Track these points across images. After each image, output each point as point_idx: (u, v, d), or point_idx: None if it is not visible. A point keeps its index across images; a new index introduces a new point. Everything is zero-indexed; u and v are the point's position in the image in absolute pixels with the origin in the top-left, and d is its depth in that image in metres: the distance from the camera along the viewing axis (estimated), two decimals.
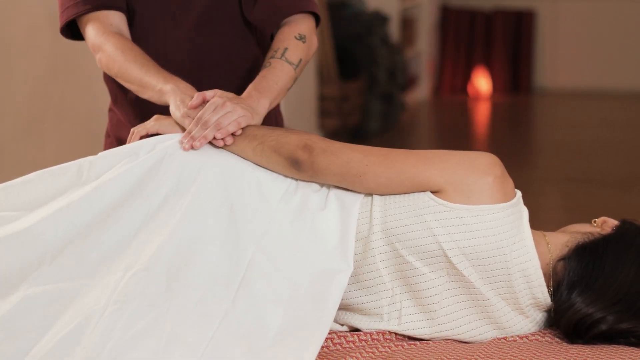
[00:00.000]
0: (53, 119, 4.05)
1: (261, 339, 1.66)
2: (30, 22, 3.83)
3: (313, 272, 1.74)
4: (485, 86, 8.60)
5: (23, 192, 1.85)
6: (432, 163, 1.76)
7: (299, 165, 1.81)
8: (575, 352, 1.69)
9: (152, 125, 1.95)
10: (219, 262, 1.73)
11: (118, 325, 1.65)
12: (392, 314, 1.79)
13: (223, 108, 1.86)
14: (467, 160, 1.76)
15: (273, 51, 2.07)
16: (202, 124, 1.85)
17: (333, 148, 1.81)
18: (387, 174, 1.77)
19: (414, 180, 1.76)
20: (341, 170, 1.79)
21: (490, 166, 1.75)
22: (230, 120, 1.85)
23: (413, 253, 1.75)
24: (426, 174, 1.75)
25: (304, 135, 1.84)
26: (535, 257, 1.74)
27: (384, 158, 1.78)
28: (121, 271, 1.72)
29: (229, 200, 1.79)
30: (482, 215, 1.72)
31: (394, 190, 1.77)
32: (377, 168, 1.77)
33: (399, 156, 1.79)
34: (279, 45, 2.08)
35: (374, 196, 1.79)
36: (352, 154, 1.80)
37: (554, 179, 5.71)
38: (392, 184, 1.77)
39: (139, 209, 1.79)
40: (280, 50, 2.06)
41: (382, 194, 1.79)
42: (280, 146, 1.83)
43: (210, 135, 1.85)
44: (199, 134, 1.85)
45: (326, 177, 1.81)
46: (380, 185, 1.78)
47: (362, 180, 1.78)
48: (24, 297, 1.71)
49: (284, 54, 2.05)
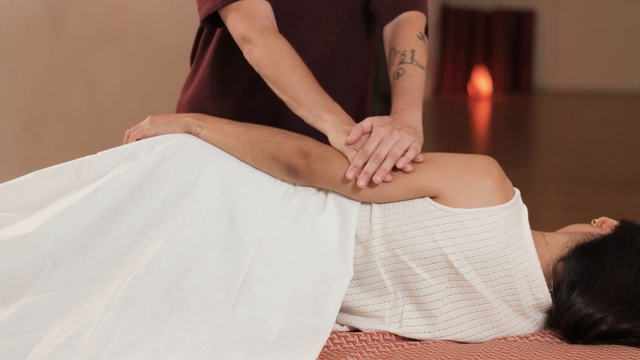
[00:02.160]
0: (53, 119, 4.05)
1: (261, 344, 1.66)
2: (30, 22, 3.83)
3: (313, 277, 1.74)
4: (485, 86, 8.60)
5: (22, 192, 1.85)
6: (426, 168, 1.76)
7: (296, 172, 1.80)
8: (575, 352, 1.69)
9: (149, 129, 1.94)
10: (219, 267, 1.73)
11: (118, 329, 1.65)
12: (394, 317, 1.78)
13: (391, 138, 1.78)
14: (463, 163, 1.75)
15: (400, 54, 2.02)
16: (374, 157, 1.76)
17: (328, 154, 1.81)
18: (382, 184, 1.76)
19: (409, 187, 1.75)
20: (335, 179, 1.79)
21: (487, 168, 1.74)
22: (403, 148, 1.77)
23: (414, 259, 1.74)
24: (422, 179, 1.75)
25: (302, 141, 1.84)
26: (535, 256, 1.74)
27: None
28: (122, 276, 1.71)
29: (229, 203, 1.79)
30: (483, 218, 1.72)
31: (390, 197, 1.77)
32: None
33: None
34: (404, 46, 2.03)
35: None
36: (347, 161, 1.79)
37: (554, 178, 5.71)
38: (388, 190, 1.76)
39: (139, 212, 1.79)
40: (409, 53, 2.01)
41: (378, 201, 1.78)
42: (279, 153, 1.82)
43: (389, 166, 1.75)
44: (373, 168, 1.75)
45: (322, 184, 1.81)
46: (375, 193, 1.77)
47: (354, 190, 1.78)
48: (26, 303, 1.71)
49: (413, 58, 2.00)
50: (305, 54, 2.01)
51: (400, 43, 2.03)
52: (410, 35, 2.04)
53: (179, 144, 1.87)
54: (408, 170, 1.75)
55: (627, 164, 6.04)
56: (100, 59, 4.38)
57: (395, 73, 2.00)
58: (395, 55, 2.03)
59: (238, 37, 1.98)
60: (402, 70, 1.99)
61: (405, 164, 1.75)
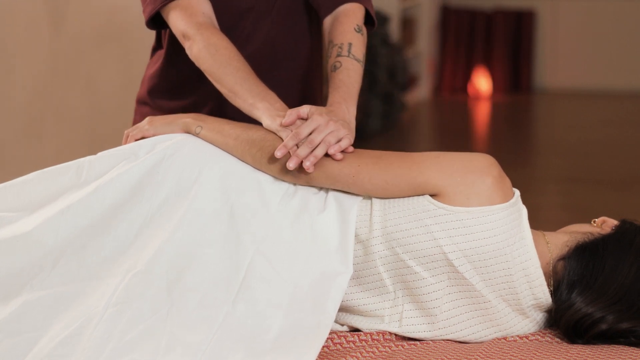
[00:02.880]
0: (53, 119, 4.05)
1: (261, 342, 1.66)
2: (30, 22, 3.83)
3: (313, 274, 1.74)
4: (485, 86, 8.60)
5: (22, 192, 1.85)
6: (427, 166, 1.76)
7: (294, 171, 1.80)
8: (575, 352, 1.69)
9: (148, 129, 1.94)
10: (219, 265, 1.73)
11: (118, 327, 1.65)
12: (393, 316, 1.78)
13: (327, 126, 1.81)
14: (464, 162, 1.76)
15: (337, 47, 2.03)
16: (308, 143, 1.79)
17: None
18: (383, 176, 1.76)
19: (411, 183, 1.75)
20: (333, 172, 1.79)
21: (487, 167, 1.75)
22: (337, 138, 1.80)
23: (414, 257, 1.74)
24: (424, 177, 1.75)
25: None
26: (535, 255, 1.74)
27: (377, 160, 1.78)
28: (122, 273, 1.72)
29: (229, 202, 1.79)
30: (482, 217, 1.72)
31: (392, 193, 1.77)
32: (371, 168, 1.77)
33: (392, 158, 1.78)
34: (341, 39, 2.04)
35: (373, 200, 1.79)
36: (344, 155, 1.80)
37: (554, 178, 5.71)
38: (389, 186, 1.76)
39: (139, 211, 1.79)
40: (346, 47, 2.02)
41: (379, 196, 1.78)
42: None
43: (320, 153, 1.78)
44: (305, 153, 1.78)
45: (320, 180, 1.81)
46: (377, 187, 1.77)
47: (355, 181, 1.78)
48: (25, 301, 1.71)
49: (350, 51, 2.02)
50: (249, 45, 2.08)
51: (337, 36, 2.05)
52: (348, 28, 2.06)
53: (179, 143, 1.87)
54: (338, 159, 1.79)
55: (627, 164, 6.04)
56: (100, 59, 4.38)
57: (332, 66, 2.02)
58: (333, 48, 2.05)
59: (179, 34, 2.04)
60: (338, 63, 2.01)
61: (336, 151, 1.79)
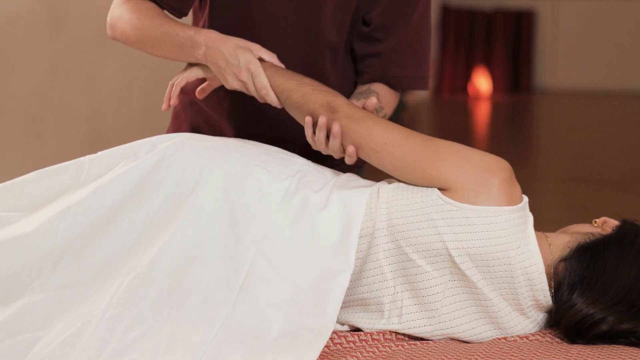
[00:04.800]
0: (53, 119, 4.05)
1: (261, 343, 1.66)
2: (30, 22, 3.83)
3: (313, 274, 1.74)
4: (485, 86, 8.60)
5: (22, 191, 1.85)
6: (445, 159, 1.76)
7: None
8: (576, 352, 1.69)
9: (190, 72, 1.94)
10: (220, 266, 1.73)
11: (118, 328, 1.65)
12: (393, 311, 1.78)
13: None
14: (478, 160, 1.76)
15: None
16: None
17: (357, 115, 1.81)
18: (404, 159, 1.78)
19: (425, 174, 1.76)
20: (359, 141, 1.80)
21: (499, 169, 1.75)
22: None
23: (417, 251, 1.75)
24: (438, 170, 1.76)
25: (330, 96, 1.84)
26: (540, 261, 1.74)
27: (404, 141, 1.79)
28: (122, 275, 1.71)
29: (229, 201, 1.79)
30: (488, 217, 1.72)
31: (405, 178, 1.79)
32: (395, 150, 1.78)
33: (417, 142, 1.79)
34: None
35: (380, 192, 1.79)
36: (374, 126, 1.80)
37: (554, 178, 5.72)
38: (406, 171, 1.78)
39: (139, 212, 1.79)
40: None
41: (393, 175, 1.80)
42: (304, 102, 1.84)
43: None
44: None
45: (343, 141, 1.81)
46: (395, 168, 1.79)
47: (378, 157, 1.80)
48: (26, 303, 1.71)
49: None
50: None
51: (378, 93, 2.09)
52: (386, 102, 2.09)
53: (180, 143, 1.87)
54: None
55: (627, 164, 6.04)
56: (100, 59, 4.38)
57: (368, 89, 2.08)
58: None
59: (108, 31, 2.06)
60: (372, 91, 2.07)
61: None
